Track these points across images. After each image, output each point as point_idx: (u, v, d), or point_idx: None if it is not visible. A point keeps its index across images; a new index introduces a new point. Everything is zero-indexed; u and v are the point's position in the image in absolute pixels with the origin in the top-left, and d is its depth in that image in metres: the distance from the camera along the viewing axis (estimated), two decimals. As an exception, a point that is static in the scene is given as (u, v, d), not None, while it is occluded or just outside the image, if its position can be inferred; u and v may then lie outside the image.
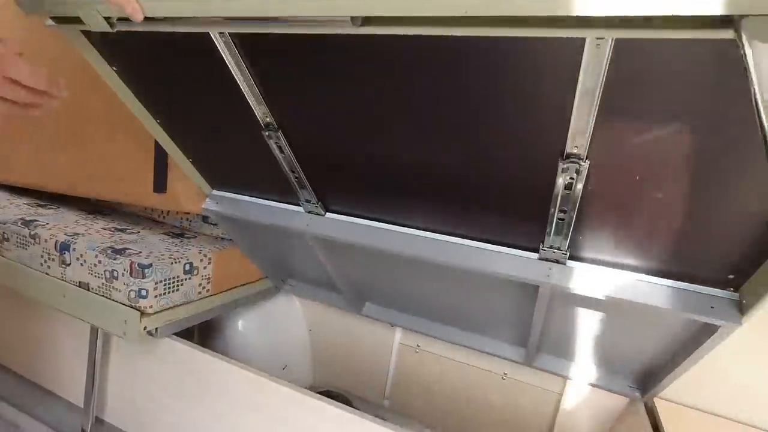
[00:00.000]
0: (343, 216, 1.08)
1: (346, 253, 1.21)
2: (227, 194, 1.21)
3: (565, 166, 0.70)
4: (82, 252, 1.21)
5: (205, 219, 1.47)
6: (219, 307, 1.39)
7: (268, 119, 0.89)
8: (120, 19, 0.70)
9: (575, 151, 0.68)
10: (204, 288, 1.32)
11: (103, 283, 1.19)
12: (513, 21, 0.52)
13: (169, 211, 1.54)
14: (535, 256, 0.93)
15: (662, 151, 0.65)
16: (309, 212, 1.10)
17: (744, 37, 0.40)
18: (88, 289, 1.22)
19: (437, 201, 0.93)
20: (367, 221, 1.06)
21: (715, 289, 0.82)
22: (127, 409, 1.29)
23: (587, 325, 1.09)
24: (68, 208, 1.56)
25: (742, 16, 0.42)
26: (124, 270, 1.15)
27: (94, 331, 1.27)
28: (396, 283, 1.31)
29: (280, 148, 0.94)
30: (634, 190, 0.72)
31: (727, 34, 0.43)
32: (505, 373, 1.45)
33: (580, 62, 0.56)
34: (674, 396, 1.27)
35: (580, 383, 1.32)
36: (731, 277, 0.80)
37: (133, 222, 1.52)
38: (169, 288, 1.20)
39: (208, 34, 0.73)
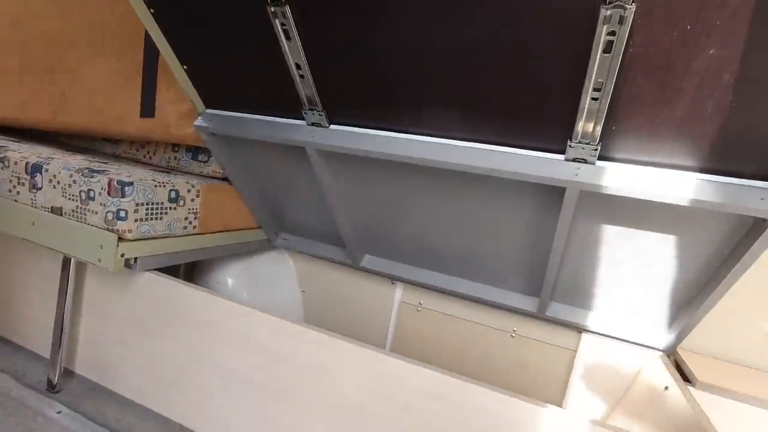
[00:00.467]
0: (347, 127, 0.99)
1: (351, 176, 1.10)
2: (222, 112, 1.11)
3: (608, 13, 0.62)
4: (55, 173, 1.10)
5: (194, 156, 1.37)
6: (205, 250, 1.28)
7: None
8: None
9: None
10: (190, 223, 1.20)
11: (77, 207, 1.07)
12: None
13: (155, 151, 1.43)
14: (561, 157, 0.84)
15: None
16: (312, 124, 1.01)
17: None
18: (61, 214, 1.10)
19: (448, 99, 0.85)
20: (374, 131, 0.97)
21: (763, 183, 0.74)
22: (99, 358, 1.16)
23: (611, 255, 1.00)
24: (44, 145, 1.45)
25: None
26: (102, 189, 1.03)
27: (66, 266, 1.15)
28: (401, 223, 1.21)
29: (286, 32, 0.84)
30: (685, 44, 0.63)
31: None
32: (514, 330, 1.35)
33: None
34: (697, 347, 1.18)
35: (596, 337, 1.22)
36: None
37: (115, 160, 1.40)
38: (151, 214, 1.09)
39: None
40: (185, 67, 1.01)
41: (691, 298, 0.99)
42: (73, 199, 1.08)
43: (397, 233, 1.26)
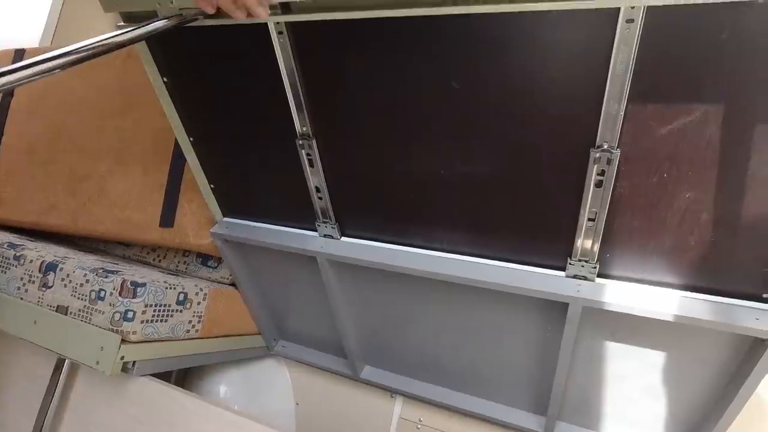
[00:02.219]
0: (357, 239, 1.05)
1: (359, 285, 1.14)
2: (239, 221, 1.18)
3: (597, 155, 0.72)
4: (69, 272, 1.12)
5: (204, 262, 1.40)
6: (204, 355, 1.25)
7: (304, 129, 0.91)
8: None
9: (606, 139, 0.71)
10: (193, 327, 1.20)
11: (84, 306, 1.08)
12: None
13: (165, 255, 1.47)
14: (562, 273, 0.89)
15: (692, 141, 0.68)
16: (324, 236, 1.07)
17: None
18: (66, 314, 1.10)
19: (457, 219, 0.92)
20: (384, 244, 1.03)
21: (755, 303, 0.78)
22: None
23: (618, 372, 1.00)
24: (59, 244, 1.49)
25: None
26: (114, 289, 1.05)
27: (58, 368, 1.11)
28: (405, 334, 1.22)
29: (310, 161, 0.95)
30: (665, 188, 0.73)
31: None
32: (521, 453, 1.27)
33: (613, 40, 0.62)
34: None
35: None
36: (765, 295, 0.77)
37: (127, 262, 1.43)
38: (158, 316, 1.09)
39: (265, 26, 0.79)
40: (212, 186, 1.11)
41: (703, 418, 0.97)
42: (82, 299, 1.09)
43: (401, 344, 1.26)
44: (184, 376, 1.48)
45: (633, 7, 0.58)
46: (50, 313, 1.11)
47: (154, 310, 1.09)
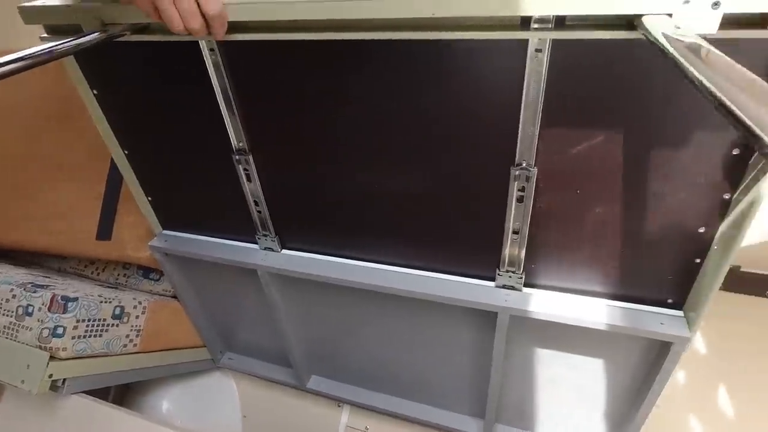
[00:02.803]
0: (298, 252, 1.06)
1: (301, 297, 1.15)
2: (178, 234, 1.16)
3: (517, 173, 0.77)
4: (-6, 288, 1.07)
5: (146, 274, 1.37)
6: (144, 370, 1.22)
7: (241, 144, 0.92)
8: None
9: (525, 158, 0.76)
10: (131, 341, 1.17)
11: (11, 322, 1.03)
12: (459, 26, 0.62)
13: (105, 268, 1.43)
14: (492, 284, 0.94)
15: (599, 161, 0.73)
16: (265, 248, 1.07)
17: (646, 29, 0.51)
18: (-10, 331, 1.05)
19: (393, 234, 0.95)
20: (324, 257, 1.05)
21: (661, 309, 0.85)
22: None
23: (548, 375, 1.06)
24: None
25: (641, 15, 0.54)
26: (43, 304, 1.01)
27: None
28: (349, 344, 1.23)
29: (248, 175, 0.95)
30: (577, 204, 0.78)
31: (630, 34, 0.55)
32: (463, 457, 1.31)
33: (524, 68, 0.67)
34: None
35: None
36: (670, 300, 0.84)
37: (61, 276, 1.38)
38: (92, 331, 1.06)
39: (197, 44, 0.79)
40: (150, 198, 1.09)
41: (625, 415, 1.04)
42: (7, 315, 1.04)
43: (345, 354, 1.27)
44: (124, 393, 1.44)
45: (539, 39, 0.63)
46: (-27, 331, 1.05)
47: (87, 325, 1.06)
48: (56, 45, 0.62)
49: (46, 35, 0.82)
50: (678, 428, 1.21)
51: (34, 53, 0.60)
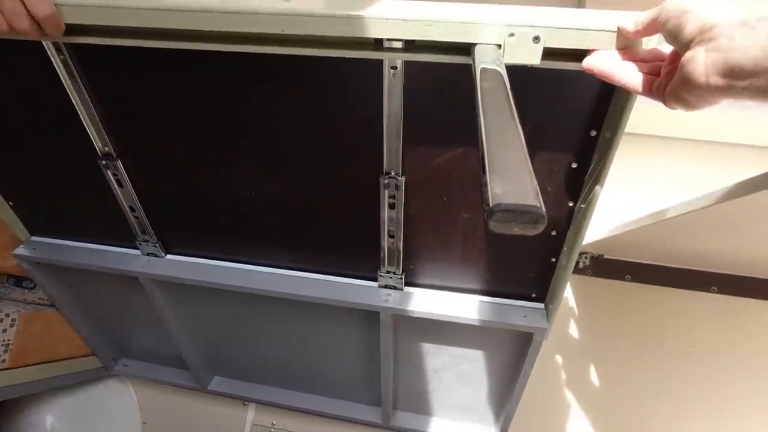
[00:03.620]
0: (183, 257, 1.03)
1: (190, 302, 1.12)
2: (49, 240, 1.07)
3: (386, 181, 0.79)
4: None
5: (18, 282, 1.25)
6: (18, 386, 1.13)
7: (106, 148, 0.86)
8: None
9: (393, 168, 0.78)
10: (-1, 358, 1.08)
11: None
12: (321, 43, 0.62)
13: (-30, 275, 1.29)
14: (374, 284, 0.97)
15: (460, 170, 0.78)
16: (148, 254, 1.03)
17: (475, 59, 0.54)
18: None
19: (277, 238, 0.95)
20: (208, 261, 1.02)
21: (527, 303, 0.93)
22: None
23: (435, 365, 1.13)
24: None
25: (475, 44, 0.57)
26: None
27: None
28: (246, 345, 1.23)
29: (118, 181, 0.90)
30: (446, 209, 0.83)
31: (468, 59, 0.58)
32: (365, 445, 1.37)
33: (383, 84, 0.68)
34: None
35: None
36: (534, 294, 0.92)
37: None
38: (-54, 352, 0.97)
39: (40, 44, 0.72)
40: (11, 203, 0.99)
41: (505, 395, 1.14)
42: None
43: (244, 354, 1.26)
44: None
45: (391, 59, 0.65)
46: None
47: (-58, 346, 0.96)
48: None
49: None
50: (552, 401, 1.35)
51: None
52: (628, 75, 0.49)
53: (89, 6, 0.61)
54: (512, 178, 0.33)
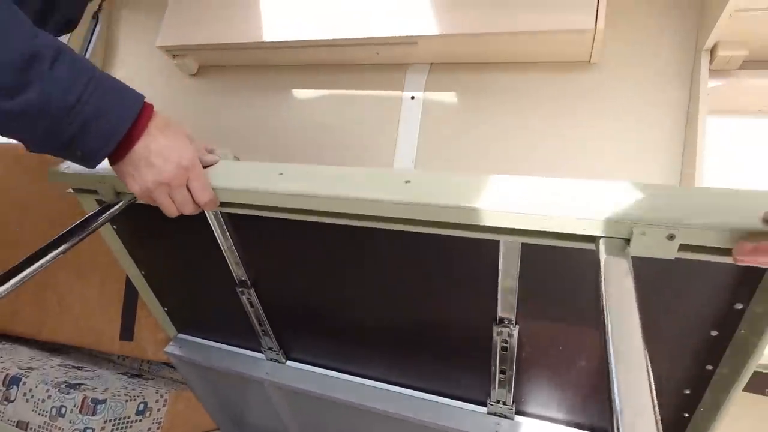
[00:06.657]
0: (302, 365, 1.12)
1: (304, 408, 1.21)
2: (191, 338, 1.24)
3: (499, 329, 0.80)
4: (32, 386, 1.18)
5: (165, 362, 1.46)
6: (164, 458, 1.31)
7: (243, 278, 0.99)
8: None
9: (506, 316, 0.79)
10: (150, 433, 1.26)
11: (45, 422, 1.14)
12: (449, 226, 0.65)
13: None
14: (483, 410, 0.96)
15: (573, 329, 0.77)
16: (270, 360, 1.14)
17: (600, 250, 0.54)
18: (26, 429, 1.15)
19: (390, 357, 1.01)
20: (325, 370, 1.10)
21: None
22: None
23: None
24: (21, 345, 1.52)
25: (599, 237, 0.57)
26: (75, 406, 1.11)
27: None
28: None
29: (250, 303, 1.02)
30: (561, 356, 0.81)
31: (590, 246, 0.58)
32: None
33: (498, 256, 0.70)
34: None
35: None
36: None
37: (91, 361, 1.48)
38: (116, 429, 1.15)
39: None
40: (166, 309, 1.18)
41: None
42: (42, 415, 1.15)
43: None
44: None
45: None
46: (10, 428, 1.16)
47: (114, 425, 1.15)
48: (93, 217, 0.75)
49: (71, 190, 0.92)
50: None
51: (75, 236, 0.71)
52: None
53: (237, 190, 0.72)
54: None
